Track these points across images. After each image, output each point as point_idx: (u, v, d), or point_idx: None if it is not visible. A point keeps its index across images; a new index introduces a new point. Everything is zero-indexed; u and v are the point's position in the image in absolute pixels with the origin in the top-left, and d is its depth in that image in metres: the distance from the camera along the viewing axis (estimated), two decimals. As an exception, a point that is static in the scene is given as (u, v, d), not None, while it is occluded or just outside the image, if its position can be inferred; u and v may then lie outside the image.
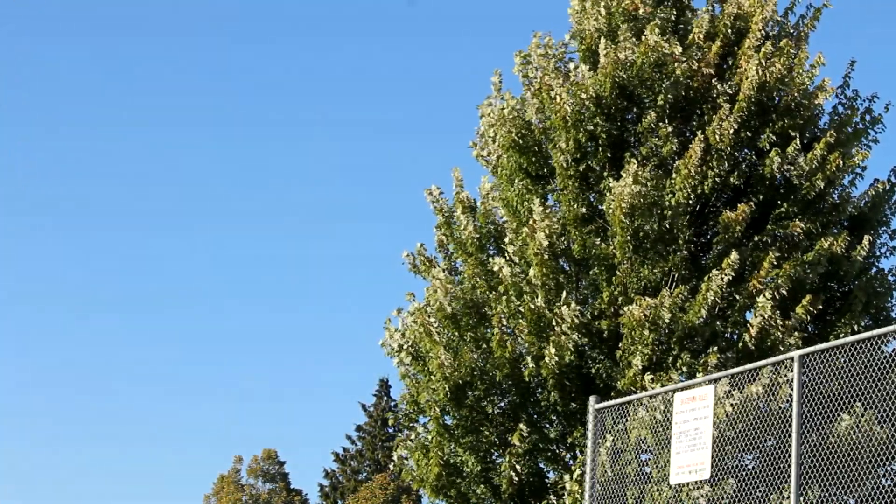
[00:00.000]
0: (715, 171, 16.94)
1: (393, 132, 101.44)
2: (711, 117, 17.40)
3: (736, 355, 16.24)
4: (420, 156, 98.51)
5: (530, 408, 17.71)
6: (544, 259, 17.21)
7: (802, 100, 17.56)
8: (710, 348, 16.40)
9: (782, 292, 16.33)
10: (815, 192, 17.12)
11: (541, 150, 18.39)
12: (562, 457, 17.70)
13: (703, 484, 13.39)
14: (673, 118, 17.63)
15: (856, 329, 16.68)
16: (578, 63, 18.67)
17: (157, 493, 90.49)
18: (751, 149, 17.66)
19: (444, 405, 17.66)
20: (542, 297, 17.14)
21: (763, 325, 16.09)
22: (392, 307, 19.08)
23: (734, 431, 13.43)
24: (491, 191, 19.04)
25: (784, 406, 13.38)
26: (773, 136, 17.35)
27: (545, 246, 17.18)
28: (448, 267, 19.19)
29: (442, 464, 17.74)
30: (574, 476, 16.70)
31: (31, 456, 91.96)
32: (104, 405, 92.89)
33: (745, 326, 16.35)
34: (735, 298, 16.52)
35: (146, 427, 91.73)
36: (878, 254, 17.96)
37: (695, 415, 12.57)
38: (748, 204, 16.86)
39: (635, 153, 17.49)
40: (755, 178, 17.47)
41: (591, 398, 14.42)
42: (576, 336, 16.68)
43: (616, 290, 16.97)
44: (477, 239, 18.76)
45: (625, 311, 16.36)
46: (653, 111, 17.40)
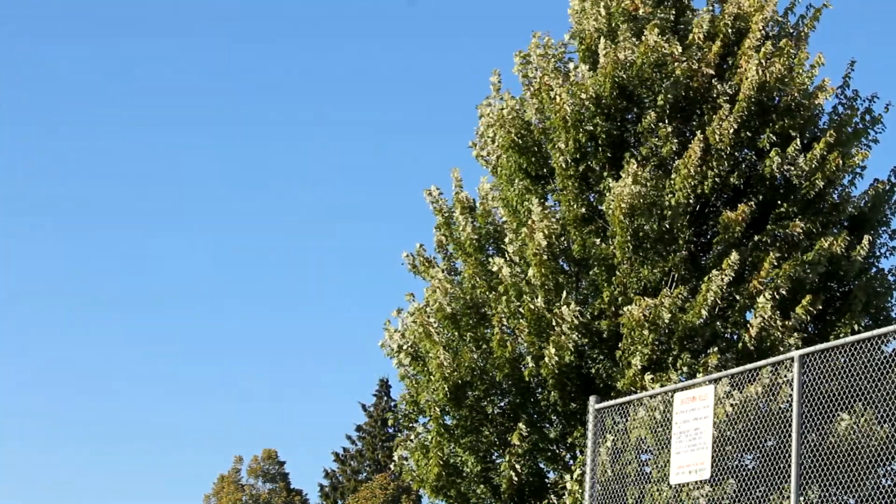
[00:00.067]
0: (715, 171, 16.94)
1: (393, 132, 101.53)
2: (711, 117, 17.39)
3: (736, 355, 16.24)
4: (420, 156, 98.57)
5: (530, 408, 17.71)
6: (543, 259, 17.21)
7: (802, 100, 17.56)
8: (710, 348, 16.41)
9: (782, 292, 16.33)
10: (815, 191, 17.12)
11: (540, 150, 18.38)
12: (562, 457, 17.70)
13: (703, 484, 13.39)
14: (673, 118, 17.62)
15: (856, 329, 16.68)
16: (578, 63, 18.67)
17: (157, 493, 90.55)
18: (751, 149, 17.66)
19: (444, 405, 17.66)
20: (542, 297, 17.15)
21: (763, 326, 16.09)
22: (392, 307, 19.10)
23: (734, 431, 13.43)
24: (490, 191, 19.05)
25: (784, 406, 13.39)
26: (773, 136, 17.34)
27: (544, 246, 17.19)
28: (447, 267, 19.20)
29: (442, 464, 17.75)
30: (574, 476, 16.71)
31: (31, 456, 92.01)
32: (104, 405, 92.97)
33: (745, 327, 16.35)
34: (735, 299, 16.52)
35: (146, 427, 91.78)
36: (877, 254, 17.96)
37: (695, 415, 12.57)
38: (748, 204, 16.86)
39: (635, 153, 17.49)
40: (755, 178, 17.47)
41: (592, 398, 14.42)
42: (575, 336, 16.68)
43: (616, 291, 16.97)
44: (476, 239, 18.77)
45: (624, 312, 16.36)
46: (653, 111, 17.40)
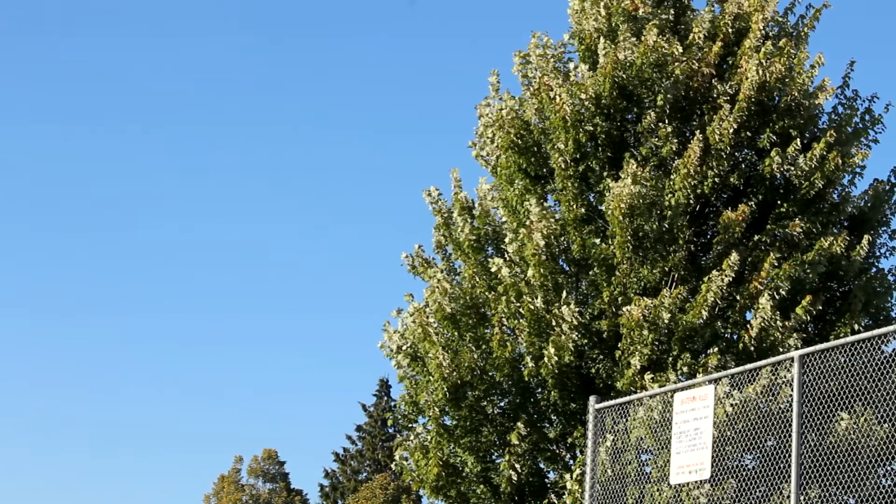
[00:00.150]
0: (715, 171, 16.94)
1: (393, 132, 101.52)
2: (711, 117, 17.39)
3: (736, 356, 16.24)
4: (420, 156, 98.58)
5: (530, 408, 17.72)
6: (542, 260, 17.21)
7: (802, 100, 17.55)
8: (710, 349, 16.41)
9: (782, 293, 16.33)
10: (815, 191, 17.12)
11: (540, 150, 18.38)
12: (562, 456, 17.70)
13: (703, 483, 13.39)
14: (673, 118, 17.62)
15: (856, 329, 16.69)
16: (578, 63, 18.67)
17: (157, 493, 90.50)
18: (751, 149, 17.66)
19: (443, 406, 17.66)
20: (542, 297, 17.14)
21: (763, 326, 16.09)
22: (393, 307, 19.11)
23: (734, 431, 13.43)
24: (490, 191, 19.05)
25: (784, 406, 13.39)
26: (773, 136, 17.34)
27: (542, 247, 17.19)
28: (447, 268, 19.20)
29: (441, 464, 17.75)
30: (574, 476, 16.71)
31: (31, 456, 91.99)
32: (104, 405, 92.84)
33: (745, 327, 16.35)
34: (735, 299, 16.52)
35: (146, 427, 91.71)
36: (877, 254, 17.96)
37: (695, 415, 12.57)
38: (748, 204, 16.86)
39: (635, 153, 17.49)
40: (755, 178, 17.47)
41: (592, 398, 14.42)
42: (575, 336, 16.68)
43: (616, 291, 16.97)
44: (474, 240, 18.76)
45: (624, 312, 16.36)
46: (652, 111, 17.39)
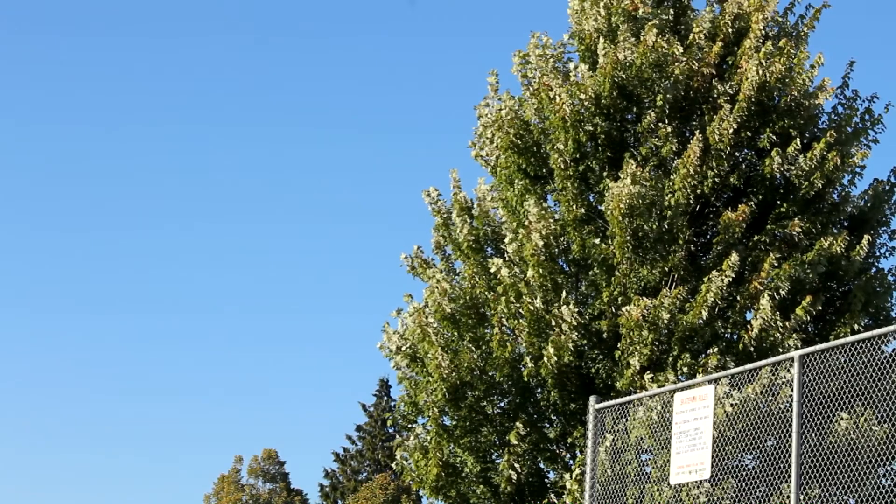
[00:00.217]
0: (714, 171, 16.94)
1: (393, 132, 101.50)
2: (711, 117, 17.39)
3: (736, 356, 16.23)
4: (420, 156, 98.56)
5: (530, 408, 17.72)
6: (541, 260, 17.21)
7: (802, 100, 17.55)
8: (710, 349, 16.41)
9: (782, 293, 16.32)
10: (815, 191, 17.12)
11: (539, 150, 18.37)
12: (562, 456, 17.70)
13: (703, 483, 13.39)
14: (672, 118, 17.62)
15: (855, 329, 16.68)
16: (578, 63, 18.66)
17: (157, 493, 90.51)
18: (751, 149, 17.66)
19: (443, 406, 17.66)
20: (541, 297, 17.14)
21: (763, 326, 16.08)
22: (393, 306, 19.14)
23: (734, 431, 13.43)
24: (489, 191, 19.05)
25: (784, 406, 13.38)
26: (773, 136, 17.34)
27: (541, 247, 17.19)
28: (446, 268, 19.19)
29: (441, 464, 17.75)
30: (574, 475, 16.71)
31: (31, 456, 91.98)
32: (104, 405, 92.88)
33: (745, 327, 16.34)
34: (735, 299, 16.51)
35: (146, 427, 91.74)
36: (877, 254, 17.96)
37: (695, 415, 12.57)
38: (748, 204, 16.86)
39: (635, 153, 17.49)
40: (755, 178, 17.47)
41: (592, 398, 14.43)
42: (575, 336, 16.68)
43: (615, 291, 16.97)
44: (473, 241, 18.76)
45: (623, 312, 16.35)
46: (652, 111, 17.39)
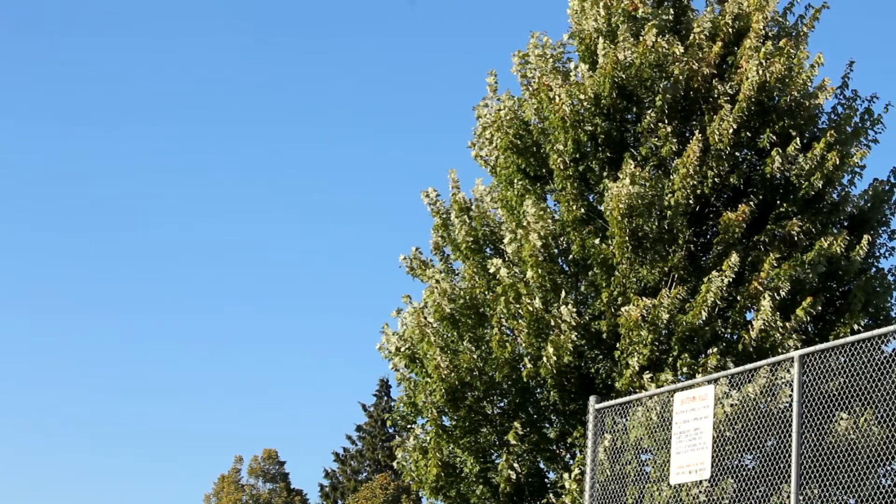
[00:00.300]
0: (714, 171, 16.93)
1: (392, 132, 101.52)
2: (711, 117, 17.38)
3: (736, 356, 16.23)
4: (419, 156, 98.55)
5: (530, 408, 17.71)
6: (539, 261, 17.21)
7: (802, 100, 17.54)
8: (709, 349, 16.40)
9: (782, 293, 16.32)
10: (815, 191, 17.11)
11: (539, 150, 18.36)
12: (561, 456, 17.69)
13: (702, 483, 13.39)
14: (672, 118, 17.61)
15: (855, 329, 16.67)
16: (577, 63, 18.65)
17: (157, 493, 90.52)
18: (750, 149, 17.65)
19: (442, 407, 17.66)
20: (540, 298, 17.13)
21: (763, 327, 16.07)
22: (392, 306, 19.15)
23: (734, 431, 13.42)
24: (488, 192, 19.04)
25: (784, 406, 13.38)
26: (773, 136, 17.33)
27: (539, 247, 17.19)
28: (445, 268, 19.19)
29: (440, 465, 17.74)
30: (573, 475, 16.71)
31: (31, 456, 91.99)
32: (104, 405, 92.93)
33: (746, 327, 16.33)
34: (735, 299, 16.51)
35: (146, 427, 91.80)
36: (877, 254, 17.96)
37: (695, 415, 12.57)
38: (748, 204, 16.85)
39: (634, 153, 17.48)
40: (755, 178, 17.46)
41: (592, 398, 14.43)
42: (574, 336, 16.67)
43: (615, 291, 16.96)
44: (472, 241, 18.75)
45: (623, 312, 16.35)
46: (652, 111, 17.39)
